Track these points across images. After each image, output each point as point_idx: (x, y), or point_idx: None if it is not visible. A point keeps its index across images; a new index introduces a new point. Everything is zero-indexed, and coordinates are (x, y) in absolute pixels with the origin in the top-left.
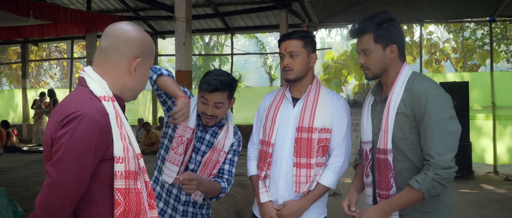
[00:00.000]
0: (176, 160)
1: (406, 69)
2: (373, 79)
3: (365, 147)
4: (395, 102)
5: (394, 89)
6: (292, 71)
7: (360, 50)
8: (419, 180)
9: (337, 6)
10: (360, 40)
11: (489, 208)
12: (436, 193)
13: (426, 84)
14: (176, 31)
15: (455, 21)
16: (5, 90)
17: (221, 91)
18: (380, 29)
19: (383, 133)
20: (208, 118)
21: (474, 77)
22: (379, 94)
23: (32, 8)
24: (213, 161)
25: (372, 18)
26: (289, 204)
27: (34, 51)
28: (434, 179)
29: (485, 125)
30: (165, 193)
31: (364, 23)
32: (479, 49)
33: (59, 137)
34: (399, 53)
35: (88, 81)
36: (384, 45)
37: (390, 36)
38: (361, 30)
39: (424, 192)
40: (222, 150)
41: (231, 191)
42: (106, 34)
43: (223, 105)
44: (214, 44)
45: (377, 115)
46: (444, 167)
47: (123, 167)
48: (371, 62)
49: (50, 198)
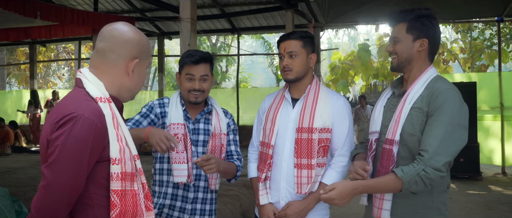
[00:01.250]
0: (181, 158)
1: (431, 70)
2: (396, 70)
3: (371, 137)
4: (412, 97)
5: (415, 85)
6: (292, 71)
7: (391, 38)
8: (404, 170)
9: (343, 7)
10: (394, 28)
11: (496, 210)
12: (415, 190)
13: (449, 86)
14: (181, 32)
15: (463, 21)
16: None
17: (205, 62)
18: (416, 20)
19: (394, 123)
20: (197, 93)
21: (482, 78)
22: (398, 88)
23: (39, 9)
24: (218, 146)
25: (412, 10)
26: (294, 204)
27: (42, 52)
28: (420, 175)
29: (493, 126)
30: (169, 199)
31: (402, 13)
32: (487, 50)
33: (55, 138)
34: (429, 51)
35: (85, 82)
36: (416, 37)
37: (424, 30)
38: (397, 19)
39: (404, 183)
40: (221, 133)
41: (236, 192)
42: (102, 35)
43: (208, 78)
44: (221, 45)
45: (391, 107)
46: (435, 167)
47: (120, 169)
48: (398, 51)
49: (45, 200)
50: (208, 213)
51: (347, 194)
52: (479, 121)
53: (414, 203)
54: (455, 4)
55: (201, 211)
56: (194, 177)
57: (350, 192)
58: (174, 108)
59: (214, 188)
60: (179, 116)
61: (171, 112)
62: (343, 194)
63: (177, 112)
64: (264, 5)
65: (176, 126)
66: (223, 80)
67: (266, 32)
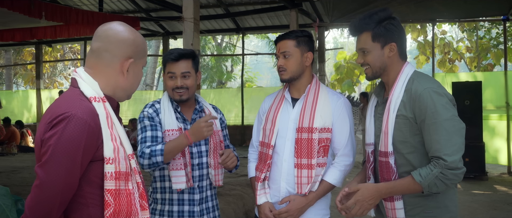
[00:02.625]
0: (178, 164)
1: (407, 68)
2: (373, 79)
3: (367, 149)
4: (395, 104)
5: (394, 90)
6: (286, 71)
7: (358, 49)
8: (422, 174)
9: (348, 6)
10: (359, 38)
11: (502, 210)
12: (436, 191)
13: (425, 85)
14: (184, 31)
15: (468, 20)
16: (20, 91)
17: (185, 58)
18: (379, 27)
19: (384, 135)
20: (180, 91)
21: (488, 77)
22: (381, 95)
23: (44, 10)
24: (218, 142)
25: (371, 16)
26: (296, 200)
27: (48, 52)
28: (438, 177)
29: (499, 125)
30: (176, 205)
31: (362, 21)
32: (493, 49)
33: (48, 138)
34: (399, 52)
35: (80, 82)
36: (383, 43)
37: (389, 35)
38: (359, 29)
39: (424, 187)
40: (218, 130)
41: (239, 192)
42: (97, 35)
43: (190, 75)
44: (226, 45)
45: (379, 116)
46: (452, 167)
47: (113, 168)
48: (369, 61)
49: (38, 200)
50: (212, 209)
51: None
52: (484, 120)
53: (422, 202)
54: (460, 3)
55: (207, 210)
56: (198, 178)
57: (374, 194)
58: (167, 114)
59: (219, 184)
60: (172, 121)
61: (165, 118)
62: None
63: (170, 117)
64: (269, 4)
65: (171, 132)
66: (228, 80)
67: (271, 32)
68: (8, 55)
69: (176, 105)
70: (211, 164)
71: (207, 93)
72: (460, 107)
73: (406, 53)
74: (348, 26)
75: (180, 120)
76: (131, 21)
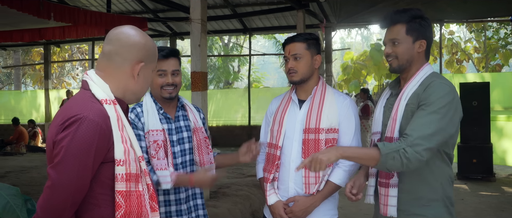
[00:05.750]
0: (162, 164)
1: (427, 67)
2: (396, 72)
3: (373, 137)
4: (407, 94)
5: (411, 82)
6: (297, 73)
7: (388, 39)
8: (386, 144)
9: (355, 6)
10: (391, 29)
11: (509, 211)
12: (390, 166)
13: (441, 80)
14: (192, 32)
15: (476, 21)
16: (28, 91)
17: (174, 56)
18: (414, 22)
19: (392, 121)
20: (170, 88)
21: (496, 78)
22: (396, 88)
23: (53, 11)
24: (202, 139)
25: (406, 11)
26: (300, 200)
27: (57, 53)
28: (400, 152)
29: (507, 126)
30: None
31: (397, 14)
32: (502, 49)
33: (60, 140)
34: (426, 51)
35: (91, 84)
36: (415, 38)
37: (422, 31)
38: (394, 20)
39: (382, 156)
40: (200, 127)
41: (246, 192)
42: (108, 38)
43: (179, 73)
44: (233, 45)
45: (389, 106)
46: (416, 150)
47: (124, 170)
48: (399, 52)
49: (51, 200)
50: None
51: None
52: (492, 121)
53: (418, 196)
54: (468, 3)
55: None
56: None
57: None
58: (151, 114)
59: None
60: (156, 121)
61: (148, 118)
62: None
63: (154, 117)
64: (276, 5)
65: (155, 133)
66: (235, 81)
67: (278, 32)
68: (17, 56)
69: (159, 106)
70: (197, 161)
71: (214, 94)
72: (467, 109)
73: (429, 54)
74: (382, 17)
75: (163, 120)
76: (139, 22)
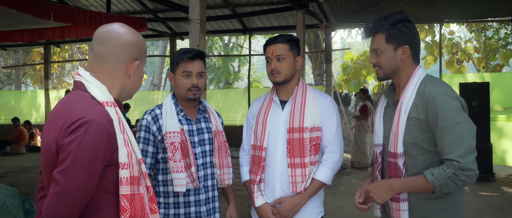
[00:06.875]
0: (179, 167)
1: (419, 72)
2: (384, 80)
3: (376, 149)
4: (406, 106)
5: (406, 92)
6: (280, 74)
7: (372, 49)
8: (435, 173)
9: (355, 6)
10: (373, 39)
11: (509, 212)
12: (447, 191)
13: (438, 88)
14: (191, 33)
15: (476, 21)
16: (28, 91)
17: (200, 58)
18: (393, 29)
19: (394, 136)
20: (194, 89)
21: (496, 78)
22: (391, 97)
23: (52, 11)
24: (222, 142)
25: (386, 17)
26: (286, 200)
27: (57, 53)
28: (451, 178)
29: (507, 126)
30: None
31: (377, 23)
32: (502, 49)
33: (67, 144)
34: (412, 55)
35: (88, 86)
36: (396, 45)
37: (403, 37)
38: (374, 30)
39: (436, 186)
40: (221, 130)
41: (245, 192)
42: (99, 38)
43: (204, 75)
44: (233, 46)
45: (388, 117)
46: (465, 169)
47: (128, 173)
48: (382, 62)
49: (59, 207)
50: (218, 209)
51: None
52: (492, 122)
53: (430, 205)
54: (468, 3)
55: (213, 209)
56: (203, 178)
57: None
58: (169, 116)
59: (225, 183)
60: (174, 123)
61: (166, 120)
62: (378, 188)
63: (172, 119)
64: (275, 5)
65: (172, 135)
66: (235, 81)
67: (278, 33)
68: (17, 56)
69: (180, 108)
70: (216, 163)
71: (214, 94)
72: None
73: (419, 57)
74: (363, 27)
75: (183, 121)
76: (139, 22)
